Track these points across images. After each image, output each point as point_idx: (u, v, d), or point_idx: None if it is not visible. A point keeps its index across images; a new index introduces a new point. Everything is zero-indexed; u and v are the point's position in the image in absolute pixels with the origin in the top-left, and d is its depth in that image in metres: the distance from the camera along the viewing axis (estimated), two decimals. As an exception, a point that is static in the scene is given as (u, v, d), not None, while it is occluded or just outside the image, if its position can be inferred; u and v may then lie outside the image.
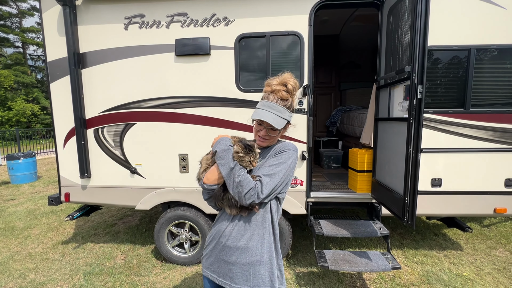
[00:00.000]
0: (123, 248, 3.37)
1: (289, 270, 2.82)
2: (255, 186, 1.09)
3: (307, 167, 2.69)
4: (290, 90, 1.18)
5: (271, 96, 1.19)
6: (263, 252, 1.18)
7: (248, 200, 1.08)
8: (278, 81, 1.19)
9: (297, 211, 2.77)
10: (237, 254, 1.18)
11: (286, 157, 1.18)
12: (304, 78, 2.62)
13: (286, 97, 1.18)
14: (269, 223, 1.22)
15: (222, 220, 1.26)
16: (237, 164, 1.12)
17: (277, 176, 1.13)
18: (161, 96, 2.76)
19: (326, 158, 4.14)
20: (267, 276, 1.18)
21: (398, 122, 2.22)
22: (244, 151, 1.16)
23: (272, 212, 1.22)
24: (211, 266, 1.25)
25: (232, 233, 1.20)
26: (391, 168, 2.33)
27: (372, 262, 2.30)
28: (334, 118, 4.67)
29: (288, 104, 1.19)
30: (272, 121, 1.14)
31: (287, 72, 1.21)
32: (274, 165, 1.15)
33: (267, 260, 1.19)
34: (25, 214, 4.63)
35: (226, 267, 1.20)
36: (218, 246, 1.23)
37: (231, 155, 1.13)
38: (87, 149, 2.88)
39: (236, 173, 1.10)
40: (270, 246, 1.21)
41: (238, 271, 1.17)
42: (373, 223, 2.64)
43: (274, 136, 1.22)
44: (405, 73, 1.99)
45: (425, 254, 3.07)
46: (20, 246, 3.48)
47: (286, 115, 1.19)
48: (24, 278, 2.79)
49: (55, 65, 2.81)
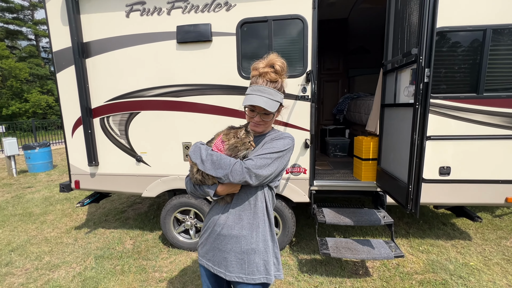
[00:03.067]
0: (132, 233, 3.49)
1: (292, 257, 2.85)
2: (240, 162, 1.09)
3: (310, 155, 2.66)
4: (279, 71, 1.14)
5: (260, 79, 1.16)
6: (258, 241, 1.18)
7: (238, 176, 1.06)
8: (265, 63, 1.15)
9: (300, 199, 2.76)
10: (232, 243, 1.17)
11: (281, 145, 1.15)
12: (308, 63, 2.54)
13: (275, 79, 1.14)
14: (264, 212, 1.21)
15: (216, 209, 1.26)
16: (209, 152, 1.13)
17: (269, 160, 1.11)
18: (163, 84, 2.76)
19: (332, 146, 4.08)
20: (262, 264, 1.17)
21: (404, 108, 2.14)
22: (245, 133, 1.15)
23: (267, 200, 1.21)
24: (206, 255, 1.26)
25: (226, 222, 1.19)
26: (396, 156, 2.27)
27: (375, 250, 2.29)
28: (341, 105, 4.57)
29: (278, 85, 1.16)
30: (264, 104, 1.11)
31: (273, 52, 1.17)
32: (268, 151, 1.13)
33: (262, 248, 1.18)
34: (41, 201, 4.85)
35: (221, 255, 1.20)
36: (212, 235, 1.23)
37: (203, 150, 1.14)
38: (94, 138, 2.94)
39: (215, 157, 1.10)
40: (265, 234, 1.20)
41: (232, 260, 1.17)
42: (377, 212, 2.61)
43: (268, 120, 1.20)
44: (412, 56, 1.89)
45: (431, 243, 3.02)
46: (37, 231, 3.67)
47: (278, 97, 1.15)
48: (40, 260, 2.95)
49: (60, 55, 2.85)
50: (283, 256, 2.86)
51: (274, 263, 1.23)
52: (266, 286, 1.22)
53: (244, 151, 1.14)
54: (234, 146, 1.12)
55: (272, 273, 1.19)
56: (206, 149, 1.15)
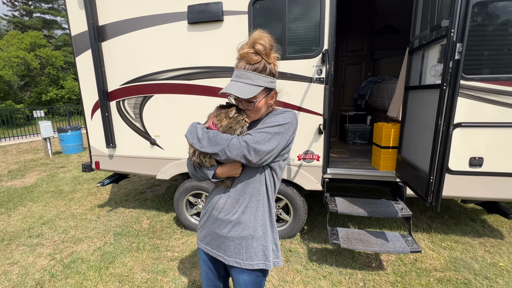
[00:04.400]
0: (149, 214, 3.64)
1: (302, 245, 2.80)
2: (237, 137, 1.02)
3: (324, 142, 2.53)
4: (260, 51, 0.99)
5: (240, 63, 1.04)
6: (257, 226, 1.13)
7: (235, 150, 0.98)
8: (248, 44, 1.02)
9: (312, 187, 2.66)
10: (229, 227, 1.13)
11: (281, 119, 1.05)
12: (324, 42, 2.36)
13: (256, 60, 1.00)
14: (264, 196, 1.14)
15: (215, 193, 1.22)
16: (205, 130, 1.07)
17: (268, 135, 1.01)
18: (175, 67, 2.73)
19: (352, 133, 3.86)
20: (260, 250, 1.13)
21: (429, 91, 1.91)
22: (237, 111, 1.08)
23: (267, 184, 1.14)
24: (204, 239, 1.24)
25: (224, 206, 1.15)
26: (418, 144, 2.06)
27: (389, 243, 2.15)
28: (363, 90, 4.27)
29: (260, 67, 1.01)
30: (236, 91, 0.99)
31: (257, 29, 1.03)
32: (267, 125, 1.03)
33: (261, 234, 1.13)
34: (71, 180, 5.23)
35: (219, 240, 1.17)
36: (210, 219, 1.20)
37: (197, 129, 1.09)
38: (111, 120, 3.04)
39: (211, 134, 1.05)
40: (264, 219, 1.15)
41: (230, 244, 1.14)
42: (394, 203, 2.44)
43: (252, 109, 1.08)
44: (442, 29, 1.65)
45: (456, 240, 2.79)
46: (65, 207, 3.96)
47: (260, 81, 1.02)
48: (66, 234, 3.19)
49: (78, 39, 2.92)
50: (293, 244, 2.82)
51: (273, 249, 1.18)
52: (264, 272, 1.19)
53: (239, 129, 1.06)
54: (228, 127, 1.05)
55: (271, 260, 1.15)
56: (202, 128, 1.10)
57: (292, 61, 2.47)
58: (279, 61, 2.51)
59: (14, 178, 5.59)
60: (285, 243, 2.84)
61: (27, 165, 6.60)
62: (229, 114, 1.05)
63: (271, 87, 1.08)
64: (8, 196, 4.51)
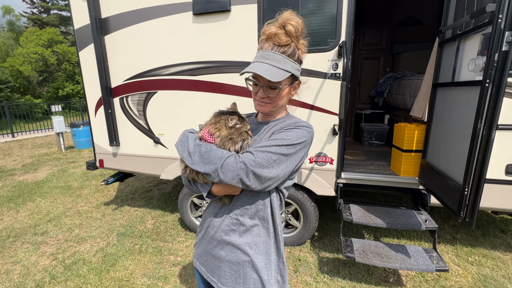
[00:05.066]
0: (154, 213, 3.54)
1: (313, 254, 2.60)
2: (235, 156, 0.83)
3: (339, 144, 2.31)
4: (291, 32, 0.85)
5: (266, 44, 0.88)
6: (258, 253, 0.94)
7: (230, 173, 0.80)
8: (276, 25, 0.87)
9: (325, 192, 2.45)
10: (226, 250, 0.95)
11: (294, 136, 0.86)
12: (342, 33, 2.12)
13: (286, 42, 0.86)
14: (268, 219, 0.95)
15: (212, 208, 1.05)
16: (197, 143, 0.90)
17: (274, 156, 0.83)
18: (179, 62, 2.57)
19: (368, 133, 3.60)
20: (259, 283, 0.93)
21: (466, 88, 1.65)
22: (239, 120, 0.90)
23: (273, 206, 0.95)
24: (200, 258, 1.07)
25: (221, 225, 0.97)
26: (449, 149, 1.81)
27: (411, 259, 1.92)
28: (381, 87, 3.97)
29: (289, 51, 0.87)
30: (264, 72, 0.82)
31: (287, 10, 0.87)
32: (275, 143, 0.84)
33: (262, 264, 0.94)
34: (80, 176, 5.24)
35: (214, 262, 0.99)
36: (206, 237, 1.03)
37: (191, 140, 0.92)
38: (114, 118, 2.93)
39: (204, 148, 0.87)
40: (268, 247, 0.96)
41: (226, 270, 0.96)
42: (417, 214, 2.20)
43: (274, 97, 0.91)
44: (485, 15, 1.39)
45: (484, 254, 2.52)
46: (72, 204, 3.94)
47: (288, 66, 0.86)
48: (70, 232, 3.14)
49: (81, 32, 2.81)
50: (303, 252, 2.63)
51: (278, 281, 0.99)
52: None
53: (240, 142, 0.88)
54: (228, 138, 0.87)
55: None
56: (195, 139, 0.92)
57: (305, 55, 2.24)
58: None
59: (27, 172, 5.67)
60: (294, 250, 2.66)
61: (41, 160, 6.71)
62: (228, 123, 0.87)
63: (297, 75, 0.93)
64: (19, 190, 4.56)
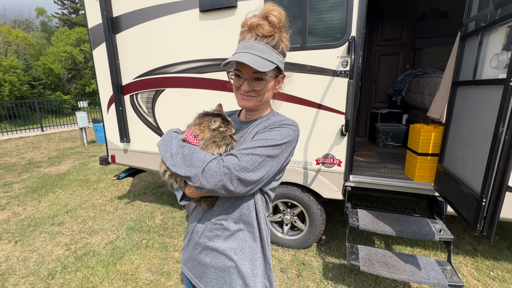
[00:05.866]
0: (163, 209, 3.61)
1: (318, 258, 2.52)
2: (218, 159, 0.78)
3: (347, 145, 2.19)
4: (274, 23, 0.82)
5: (248, 35, 0.84)
6: (243, 259, 0.90)
7: (212, 179, 0.75)
8: (259, 16, 0.84)
9: (331, 195, 2.35)
10: (211, 257, 0.92)
11: (278, 136, 0.82)
12: (352, 28, 2.00)
13: (269, 32, 0.82)
14: (253, 224, 0.91)
15: (195, 213, 1.01)
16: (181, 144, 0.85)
17: (259, 158, 0.78)
18: (186, 60, 2.57)
19: (383, 134, 3.41)
20: None
21: (487, 87, 1.48)
22: (223, 122, 0.85)
23: (257, 209, 0.90)
24: (187, 263, 1.04)
25: (205, 231, 0.93)
26: (468, 154, 1.65)
27: (421, 271, 1.78)
28: (399, 85, 3.74)
29: (273, 42, 0.83)
30: (249, 61, 0.77)
31: (268, 1, 0.85)
32: (260, 144, 0.80)
33: (249, 271, 0.90)
34: (98, 169, 5.47)
35: (200, 268, 0.96)
36: (191, 243, 0.99)
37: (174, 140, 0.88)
38: (125, 115, 2.99)
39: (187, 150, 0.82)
40: (254, 252, 0.91)
41: (212, 276, 0.92)
42: (431, 222, 2.04)
43: (260, 90, 0.86)
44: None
45: (509, 269, 2.29)
46: (88, 196, 4.12)
47: (273, 57, 0.83)
48: (84, 224, 3.28)
49: (94, 31, 2.89)
50: (308, 255, 2.55)
51: (266, 286, 0.95)
52: None
53: (223, 146, 0.83)
54: (211, 141, 0.82)
55: None
56: (179, 139, 0.88)
57: (313, 52, 2.15)
58: (298, 51, 2.16)
59: (52, 164, 6.02)
60: (298, 254, 2.58)
61: (65, 153, 7.10)
62: (211, 125, 0.82)
63: (282, 68, 0.89)
64: (43, 182, 4.84)
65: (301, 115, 2.26)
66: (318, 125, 2.27)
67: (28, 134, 10.14)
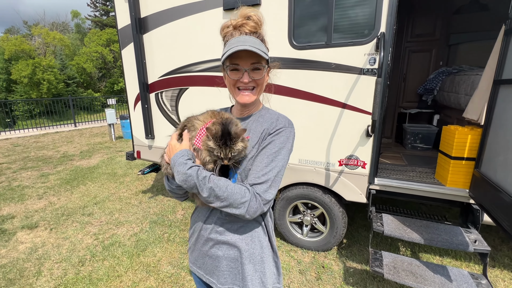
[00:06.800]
0: (184, 204, 3.70)
1: (338, 262, 2.45)
2: (253, 193, 0.85)
3: (373, 146, 2.10)
4: (256, 21, 0.89)
5: (236, 32, 0.90)
6: (254, 247, 0.97)
7: (254, 214, 0.86)
8: (240, 17, 0.91)
9: (355, 198, 2.27)
10: (224, 249, 0.97)
11: (282, 141, 0.91)
12: (381, 23, 1.90)
13: (255, 28, 0.90)
14: (259, 215, 0.97)
15: (200, 212, 1.04)
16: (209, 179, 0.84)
17: (276, 170, 0.88)
18: (209, 59, 2.60)
19: (412, 135, 3.23)
20: (257, 277, 0.96)
21: (537, 86, 1.34)
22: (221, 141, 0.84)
23: None
24: (196, 262, 1.07)
25: (214, 227, 0.98)
26: (510, 159, 1.50)
27: (452, 284, 1.66)
28: (431, 83, 3.51)
29: (260, 37, 0.92)
30: (253, 49, 0.82)
31: (242, 5, 0.93)
32: (272, 158, 0.88)
33: (258, 257, 0.97)
34: (125, 164, 5.73)
35: (211, 263, 1.00)
36: (200, 240, 1.03)
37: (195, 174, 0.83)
38: (150, 112, 3.10)
39: (217, 191, 0.82)
40: (261, 241, 0.98)
41: (224, 269, 0.98)
42: (464, 232, 1.89)
43: (259, 79, 0.91)
44: None
45: (555, 288, 2.08)
46: (115, 190, 4.33)
47: (264, 49, 0.89)
48: (111, 216, 3.45)
49: (123, 32, 3.01)
50: (328, 259, 2.49)
51: (273, 273, 1.03)
52: None
53: (211, 163, 0.90)
54: (208, 152, 0.88)
55: (269, 286, 0.99)
56: (200, 171, 0.84)
57: (338, 49, 2.07)
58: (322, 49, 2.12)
59: (83, 158, 6.41)
60: (318, 256, 2.53)
61: (95, 148, 7.53)
62: (207, 143, 0.86)
63: (269, 62, 0.96)
64: (75, 174, 5.17)
65: (324, 114, 2.20)
66: (342, 125, 2.19)
67: (62, 129, 10.87)
